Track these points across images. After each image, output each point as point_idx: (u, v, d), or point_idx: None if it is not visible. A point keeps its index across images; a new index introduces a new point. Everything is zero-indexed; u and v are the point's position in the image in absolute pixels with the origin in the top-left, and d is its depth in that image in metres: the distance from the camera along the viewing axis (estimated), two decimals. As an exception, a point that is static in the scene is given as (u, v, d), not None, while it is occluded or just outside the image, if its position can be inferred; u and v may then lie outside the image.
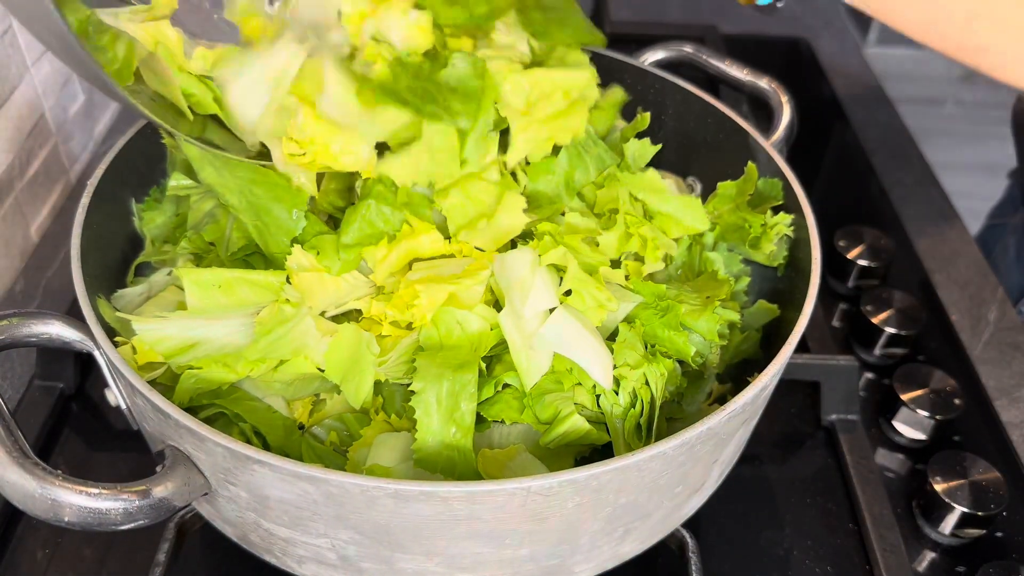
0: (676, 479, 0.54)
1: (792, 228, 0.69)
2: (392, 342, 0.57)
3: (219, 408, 0.58)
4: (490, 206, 0.60)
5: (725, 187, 0.71)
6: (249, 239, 0.62)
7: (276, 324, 0.56)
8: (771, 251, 0.68)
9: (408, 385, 0.55)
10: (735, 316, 0.64)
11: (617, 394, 0.57)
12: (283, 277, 0.58)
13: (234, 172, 0.61)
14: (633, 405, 0.57)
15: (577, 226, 0.61)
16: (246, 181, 0.60)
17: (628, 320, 0.60)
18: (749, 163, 0.72)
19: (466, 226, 0.60)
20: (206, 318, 0.57)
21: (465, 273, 0.57)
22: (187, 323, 0.57)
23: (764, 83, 0.81)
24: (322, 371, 0.57)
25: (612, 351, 0.58)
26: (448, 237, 0.60)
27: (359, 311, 0.60)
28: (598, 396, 0.58)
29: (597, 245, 0.62)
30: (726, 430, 0.54)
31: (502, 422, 0.57)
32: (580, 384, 0.57)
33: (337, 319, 0.60)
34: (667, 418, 0.61)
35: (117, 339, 0.58)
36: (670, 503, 0.56)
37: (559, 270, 0.59)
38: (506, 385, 0.57)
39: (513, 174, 0.64)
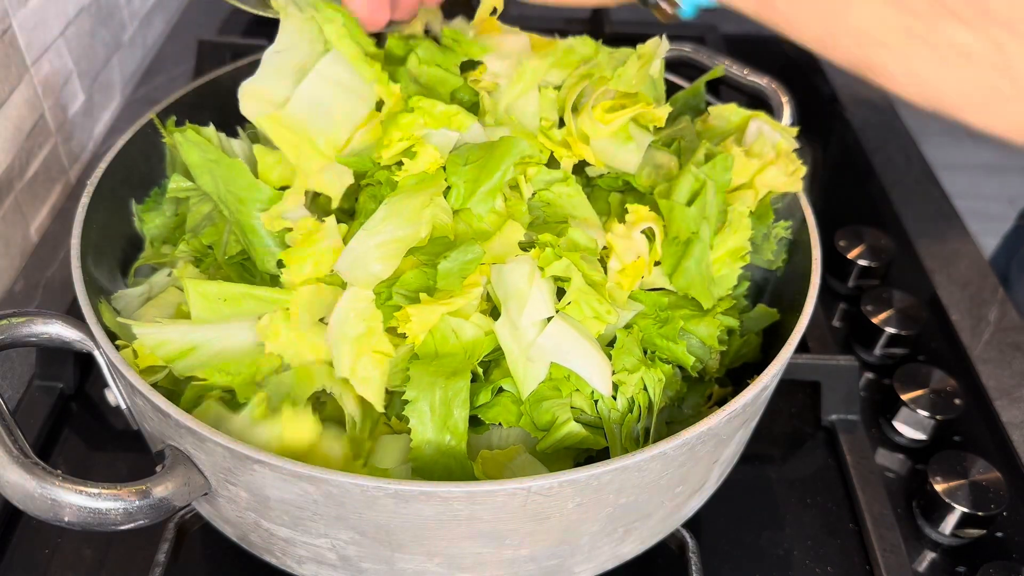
0: (676, 479, 0.54)
1: (790, 231, 0.69)
2: None
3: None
4: (488, 232, 0.61)
5: None
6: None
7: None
8: (771, 257, 0.68)
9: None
10: (734, 322, 0.64)
11: (615, 399, 0.57)
12: (288, 295, 0.58)
13: (228, 186, 0.61)
14: (631, 410, 0.57)
15: (578, 242, 0.61)
16: (236, 200, 0.61)
17: (627, 326, 0.60)
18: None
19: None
20: (205, 324, 0.57)
21: (458, 292, 0.57)
22: (187, 328, 0.57)
23: (764, 83, 0.81)
24: None
25: (611, 357, 0.58)
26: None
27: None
28: (596, 401, 0.58)
29: (601, 261, 0.62)
30: (726, 430, 0.54)
31: (500, 424, 0.57)
32: (578, 390, 0.57)
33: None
34: (666, 422, 0.61)
35: (118, 342, 0.58)
36: (670, 503, 0.56)
37: (561, 281, 0.59)
38: (503, 389, 0.57)
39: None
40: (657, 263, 0.62)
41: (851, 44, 0.48)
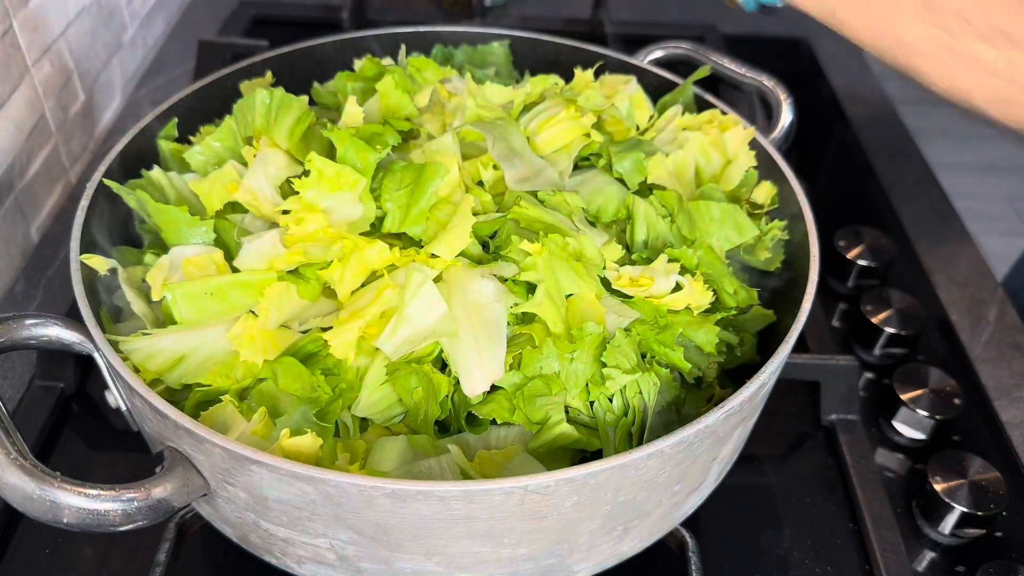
0: (674, 477, 0.54)
1: (787, 232, 0.69)
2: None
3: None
4: (446, 222, 0.62)
5: None
6: None
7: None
8: (767, 257, 0.68)
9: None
10: (733, 338, 0.64)
11: (611, 401, 0.57)
12: (272, 276, 0.58)
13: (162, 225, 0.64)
14: (626, 414, 0.57)
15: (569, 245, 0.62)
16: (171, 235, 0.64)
17: (625, 329, 0.60)
18: (750, 171, 0.72)
19: (430, 239, 0.61)
20: (193, 329, 0.57)
21: (371, 302, 0.58)
22: (173, 337, 0.57)
23: (763, 81, 0.81)
24: None
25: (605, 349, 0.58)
26: (391, 244, 0.61)
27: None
28: (592, 402, 0.58)
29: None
30: (724, 428, 0.54)
31: (495, 422, 0.57)
32: (565, 390, 0.57)
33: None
34: (664, 424, 0.61)
35: (118, 344, 0.58)
36: (669, 501, 0.56)
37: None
38: (495, 386, 0.57)
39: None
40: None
41: (897, 52, 0.63)
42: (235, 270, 0.60)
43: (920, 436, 0.78)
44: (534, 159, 0.68)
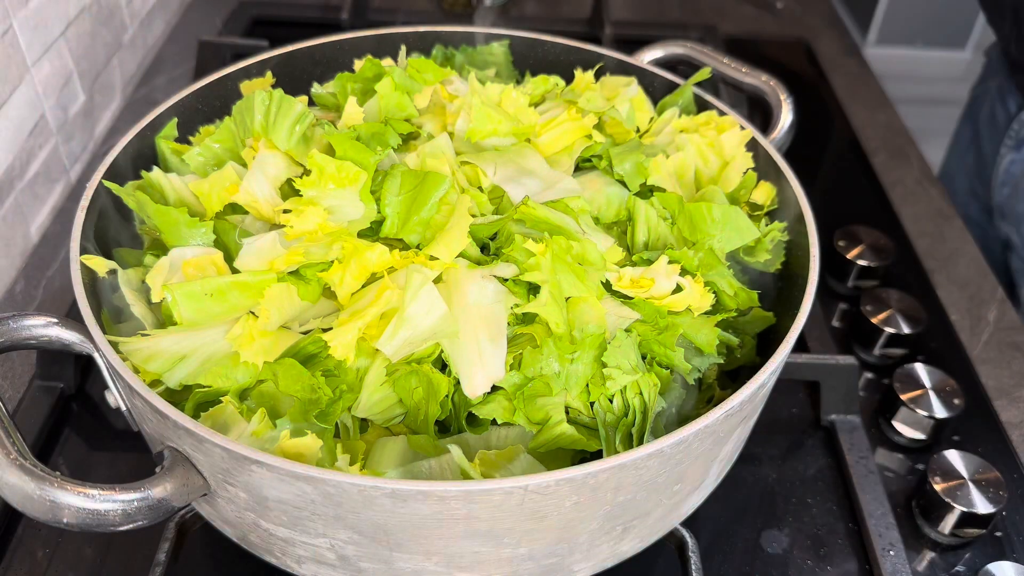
0: (674, 477, 0.54)
1: (787, 233, 0.69)
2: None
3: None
4: (443, 224, 0.62)
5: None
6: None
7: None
8: (767, 259, 0.68)
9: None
10: (733, 340, 0.64)
11: (612, 401, 0.57)
12: (272, 276, 0.58)
13: (162, 227, 0.64)
14: (626, 414, 0.57)
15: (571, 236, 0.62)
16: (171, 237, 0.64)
17: (626, 329, 0.60)
18: (748, 172, 0.72)
19: (427, 241, 0.61)
20: (193, 330, 0.57)
21: (371, 303, 0.57)
22: (173, 338, 0.57)
23: (762, 81, 0.81)
24: None
25: (606, 348, 0.58)
26: (391, 246, 0.61)
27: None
28: (592, 402, 0.58)
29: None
30: (724, 428, 0.54)
31: (495, 422, 0.57)
32: (566, 390, 0.57)
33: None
34: (664, 424, 0.61)
35: (118, 344, 0.58)
36: (669, 501, 0.56)
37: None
38: (495, 387, 0.57)
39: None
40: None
41: None
42: (235, 271, 0.60)
43: (920, 436, 0.78)
44: (550, 175, 0.68)
